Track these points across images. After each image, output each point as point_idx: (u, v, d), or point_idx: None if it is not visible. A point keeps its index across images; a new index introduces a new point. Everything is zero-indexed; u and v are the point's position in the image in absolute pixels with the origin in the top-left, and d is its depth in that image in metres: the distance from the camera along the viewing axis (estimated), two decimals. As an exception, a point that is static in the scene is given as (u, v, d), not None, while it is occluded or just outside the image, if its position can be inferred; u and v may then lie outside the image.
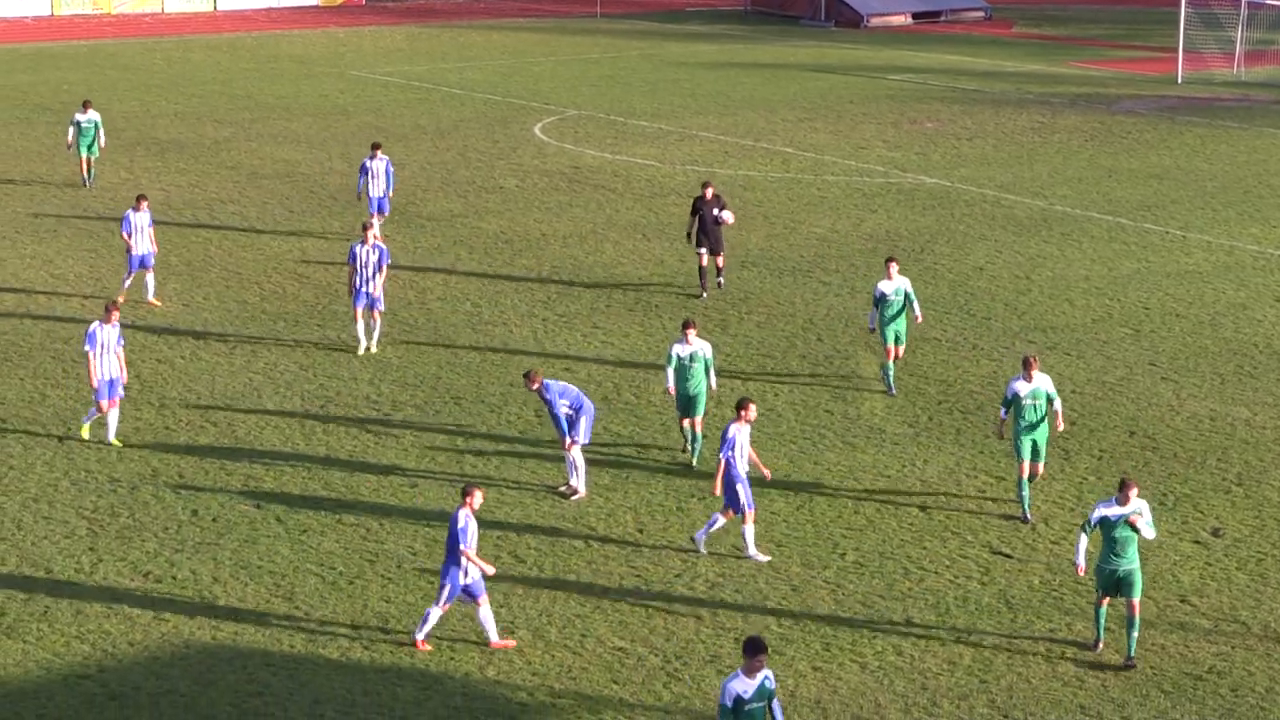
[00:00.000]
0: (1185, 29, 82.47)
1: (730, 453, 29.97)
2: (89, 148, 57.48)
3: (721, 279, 45.46)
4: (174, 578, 29.33)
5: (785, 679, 26.02)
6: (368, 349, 40.66)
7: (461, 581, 26.63)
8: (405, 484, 33.31)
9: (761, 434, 35.81)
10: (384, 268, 40.88)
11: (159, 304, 44.73)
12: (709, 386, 34.03)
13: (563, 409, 32.33)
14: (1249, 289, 46.40)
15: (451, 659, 26.66)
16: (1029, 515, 31.43)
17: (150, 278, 44.75)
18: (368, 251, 40.62)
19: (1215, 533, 31.21)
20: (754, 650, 20.88)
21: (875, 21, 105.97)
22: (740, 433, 30.22)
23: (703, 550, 30.19)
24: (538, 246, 50.64)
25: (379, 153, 50.75)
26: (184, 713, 25.16)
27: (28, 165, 61.96)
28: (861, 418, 36.90)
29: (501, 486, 33.06)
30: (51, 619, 27.99)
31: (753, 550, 29.96)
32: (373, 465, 34.19)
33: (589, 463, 33.11)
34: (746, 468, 30.19)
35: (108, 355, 35.02)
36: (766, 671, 20.78)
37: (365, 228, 41.59)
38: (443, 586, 26.72)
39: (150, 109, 73.47)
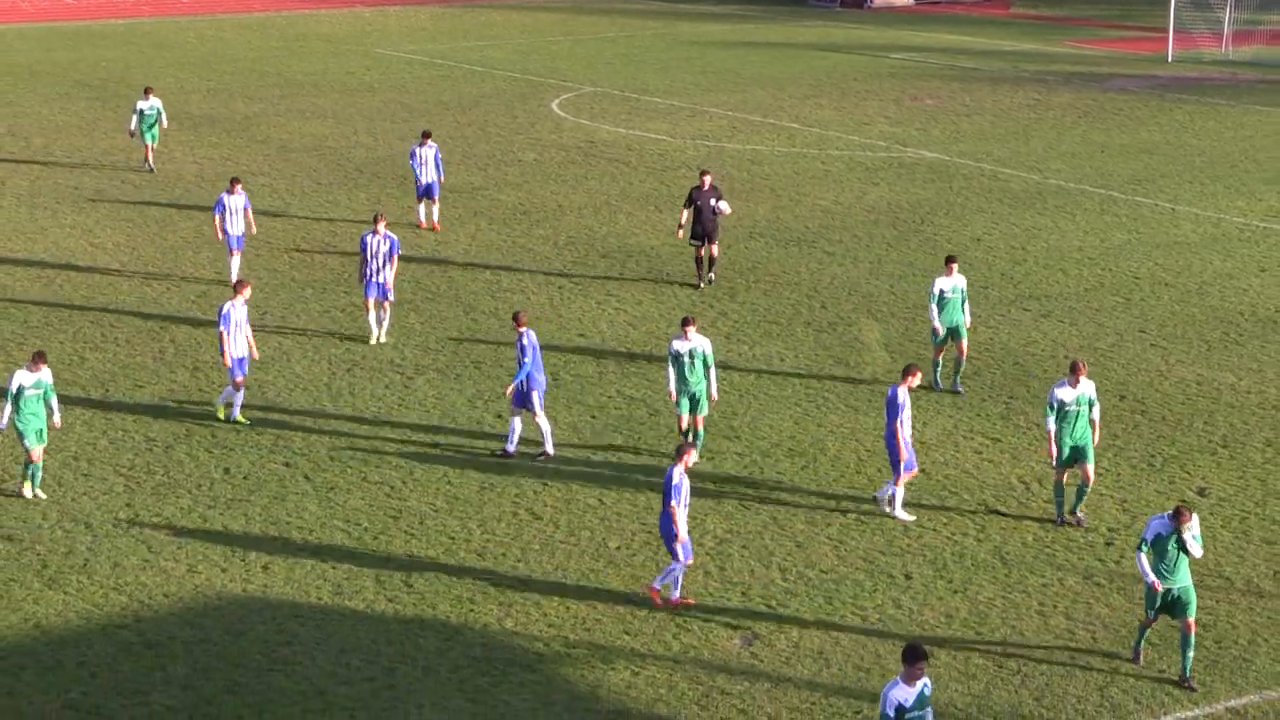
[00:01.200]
0: (1175, 10, 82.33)
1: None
2: (150, 134, 56.01)
3: (714, 274, 43.48)
4: (207, 533, 29.40)
5: (789, 631, 26.08)
6: (378, 339, 38.99)
7: (684, 534, 26.66)
8: (428, 444, 33.34)
9: (767, 397, 35.84)
10: (395, 258, 39.20)
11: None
12: (709, 389, 32.19)
13: (527, 363, 32.20)
14: (1235, 259, 46.32)
15: (471, 611, 26.71)
16: (1064, 518, 29.78)
17: (237, 260, 43.24)
18: (378, 241, 38.95)
19: (1201, 492, 31.21)
20: (914, 658, 19.62)
21: (879, 2, 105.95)
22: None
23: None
24: (554, 217, 50.60)
25: (429, 140, 49.14)
26: (216, 661, 25.24)
27: (68, 139, 61.95)
28: (863, 382, 36.88)
29: (520, 446, 33.05)
30: (91, 571, 28.06)
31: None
32: (397, 425, 34.22)
33: (598, 424, 33.08)
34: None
35: (239, 334, 34.11)
36: (925, 679, 19.65)
37: (376, 218, 39.71)
38: (669, 541, 26.77)
39: (184, 85, 73.41)
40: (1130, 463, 32.45)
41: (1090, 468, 29.51)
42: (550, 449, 32.66)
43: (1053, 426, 29.20)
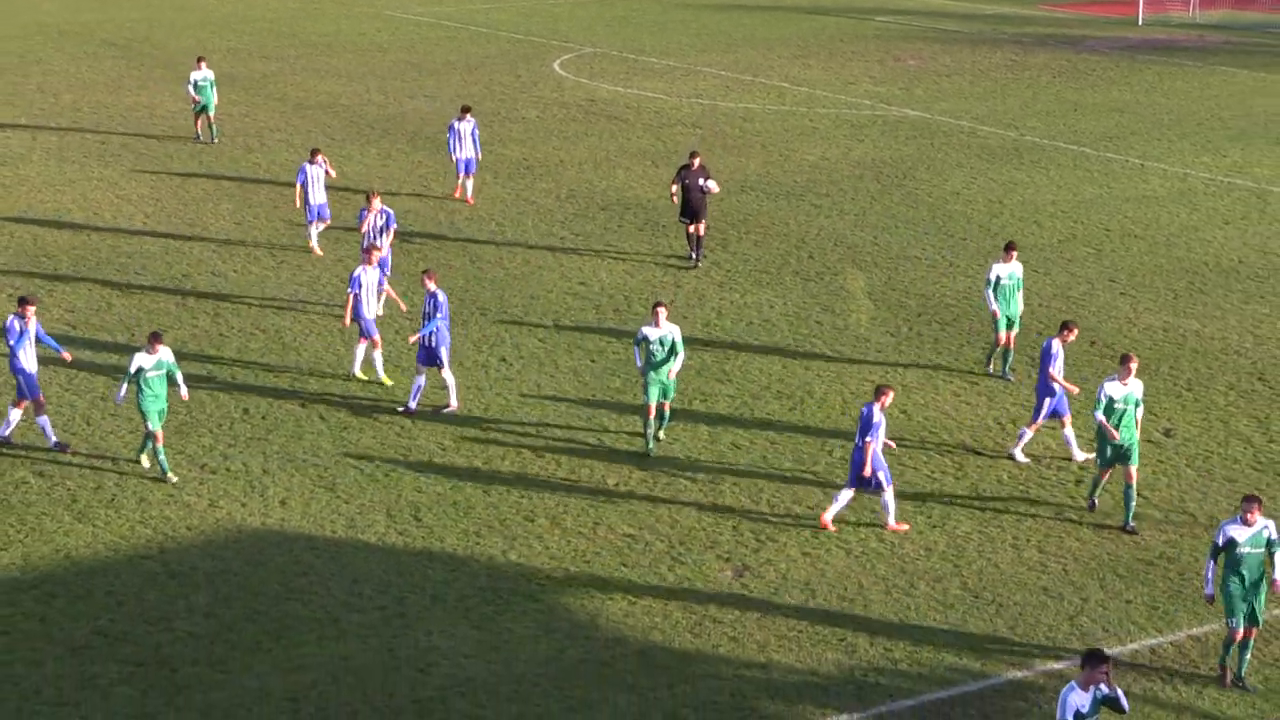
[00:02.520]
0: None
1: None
2: (205, 103, 53.63)
3: (700, 257, 41.11)
4: (227, 469, 29.44)
5: (778, 563, 26.14)
6: (377, 315, 35.51)
7: (878, 466, 26.88)
8: (436, 386, 33.35)
9: (757, 342, 35.85)
10: (391, 231, 37.66)
11: (320, 253, 41.84)
12: (671, 370, 30.02)
13: (439, 320, 31.46)
14: (1200, 213, 46.28)
15: (477, 544, 26.77)
16: (1095, 501, 27.94)
17: (316, 229, 41.99)
18: (374, 217, 37.40)
19: (1167, 433, 31.25)
20: (1095, 661, 18.30)
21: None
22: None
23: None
24: (556, 172, 50.52)
25: (468, 115, 46.59)
26: (237, 590, 25.30)
27: (94, 95, 61.77)
28: (849, 328, 36.89)
29: (522, 388, 33.09)
30: (118, 506, 28.11)
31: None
32: (406, 369, 34.21)
33: (597, 369, 33.10)
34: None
35: (371, 296, 33.14)
36: (1102, 684, 18.23)
37: (370, 195, 37.88)
38: (876, 471, 26.95)
39: (205, 45, 73.14)
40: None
41: (1134, 469, 27.18)
42: (454, 403, 31.97)
43: (1101, 417, 26.94)
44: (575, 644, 23.84)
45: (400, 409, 31.91)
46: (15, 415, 30.46)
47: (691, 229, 41.02)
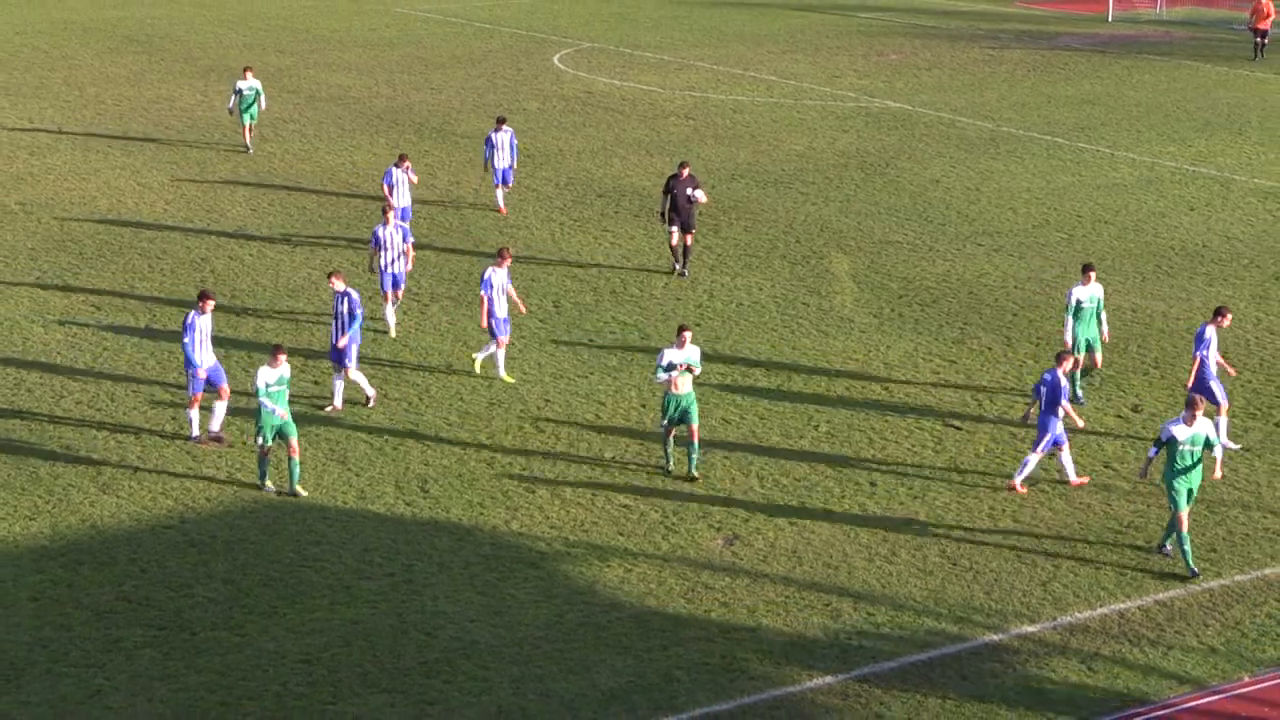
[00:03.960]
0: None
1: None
2: (249, 113, 50.41)
3: (686, 269, 38.88)
4: (245, 443, 29.41)
5: (766, 532, 26.14)
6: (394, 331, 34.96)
7: (1056, 432, 27.04)
8: (441, 365, 33.34)
9: (746, 323, 35.83)
10: (409, 247, 35.13)
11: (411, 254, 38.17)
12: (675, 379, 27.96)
13: (351, 322, 30.39)
14: (1167, 199, 46.25)
15: (481, 514, 26.77)
16: (1195, 568, 24.78)
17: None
18: (390, 233, 34.75)
19: (1135, 408, 31.25)
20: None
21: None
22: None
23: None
24: (555, 161, 50.44)
25: (504, 125, 43.98)
26: (253, 558, 25.30)
27: (117, 89, 61.64)
28: (833, 310, 36.87)
29: (524, 366, 33.07)
30: (140, 478, 28.10)
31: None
32: (414, 348, 34.20)
33: (595, 347, 33.10)
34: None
35: (500, 296, 32.08)
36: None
37: (385, 210, 35.49)
38: (1041, 435, 27.09)
39: (222, 40, 73.01)
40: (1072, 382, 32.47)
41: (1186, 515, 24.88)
42: (339, 404, 30.73)
43: (1153, 454, 24.65)
44: (574, 609, 23.85)
45: (326, 409, 30.73)
46: (194, 415, 29.46)
47: (679, 239, 38.80)
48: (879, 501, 27.31)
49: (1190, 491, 24.76)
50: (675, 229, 38.72)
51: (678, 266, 39.02)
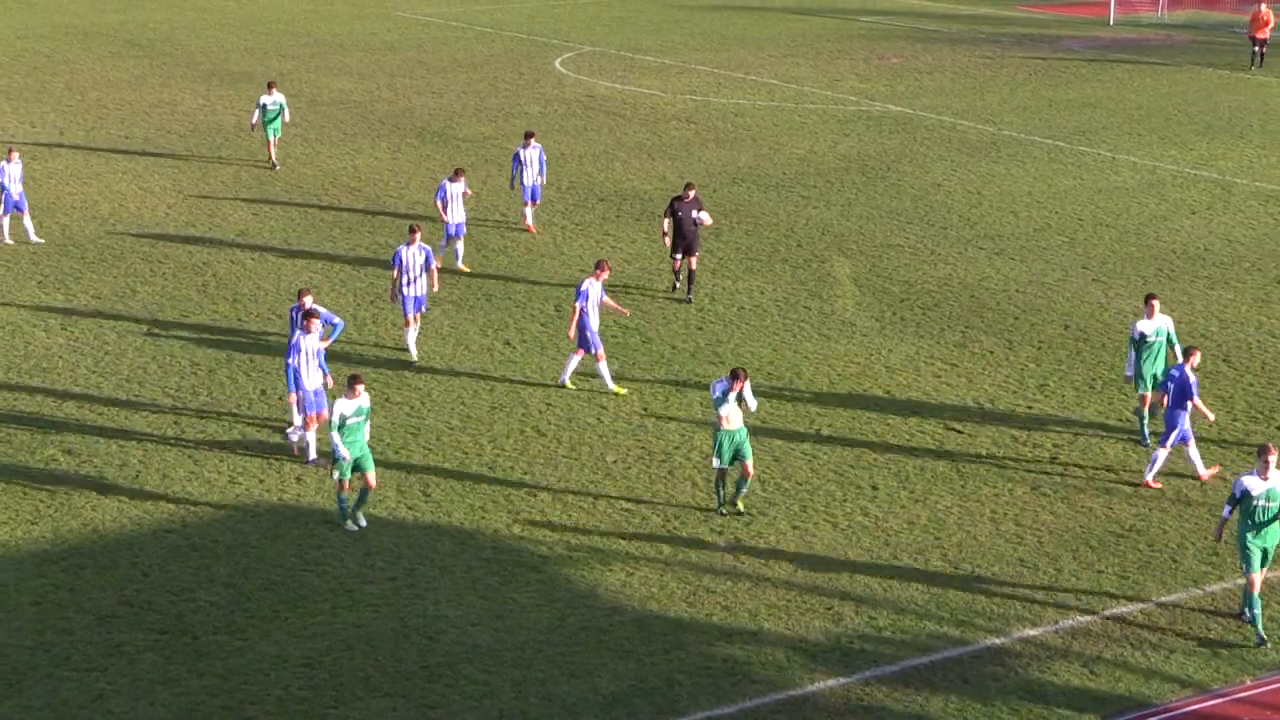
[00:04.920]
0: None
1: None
2: (272, 128, 49.08)
3: (691, 294, 37.15)
4: (246, 448, 29.41)
5: (768, 536, 26.14)
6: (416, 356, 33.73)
7: (1184, 427, 27.19)
8: (443, 369, 33.34)
9: (748, 327, 35.84)
10: (432, 268, 33.67)
11: (466, 269, 39.28)
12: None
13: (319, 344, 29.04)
14: (1168, 203, 46.26)
15: (483, 518, 26.76)
16: (1264, 635, 22.95)
17: (461, 245, 39.45)
18: (413, 254, 33.31)
19: (1137, 412, 31.21)
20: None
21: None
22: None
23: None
24: (557, 164, 50.44)
25: (532, 141, 42.35)
26: (255, 562, 25.30)
27: (118, 93, 61.66)
28: (835, 313, 36.87)
29: (525, 370, 33.07)
30: (142, 482, 28.10)
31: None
32: (416, 352, 34.18)
33: (606, 339, 33.05)
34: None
35: (595, 309, 31.52)
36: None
37: (413, 230, 33.78)
38: (1169, 430, 27.25)
39: (223, 44, 73.05)
40: (1074, 386, 32.50)
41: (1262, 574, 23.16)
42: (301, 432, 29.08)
43: (1228, 514, 23.17)
44: (576, 613, 23.85)
45: (307, 461, 28.96)
46: (309, 436, 28.67)
47: (683, 262, 37.27)
48: (880, 505, 27.30)
49: (1266, 552, 22.80)
50: (679, 256, 37.17)
51: (678, 286, 37.47)
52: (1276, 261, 40.59)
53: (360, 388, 26.26)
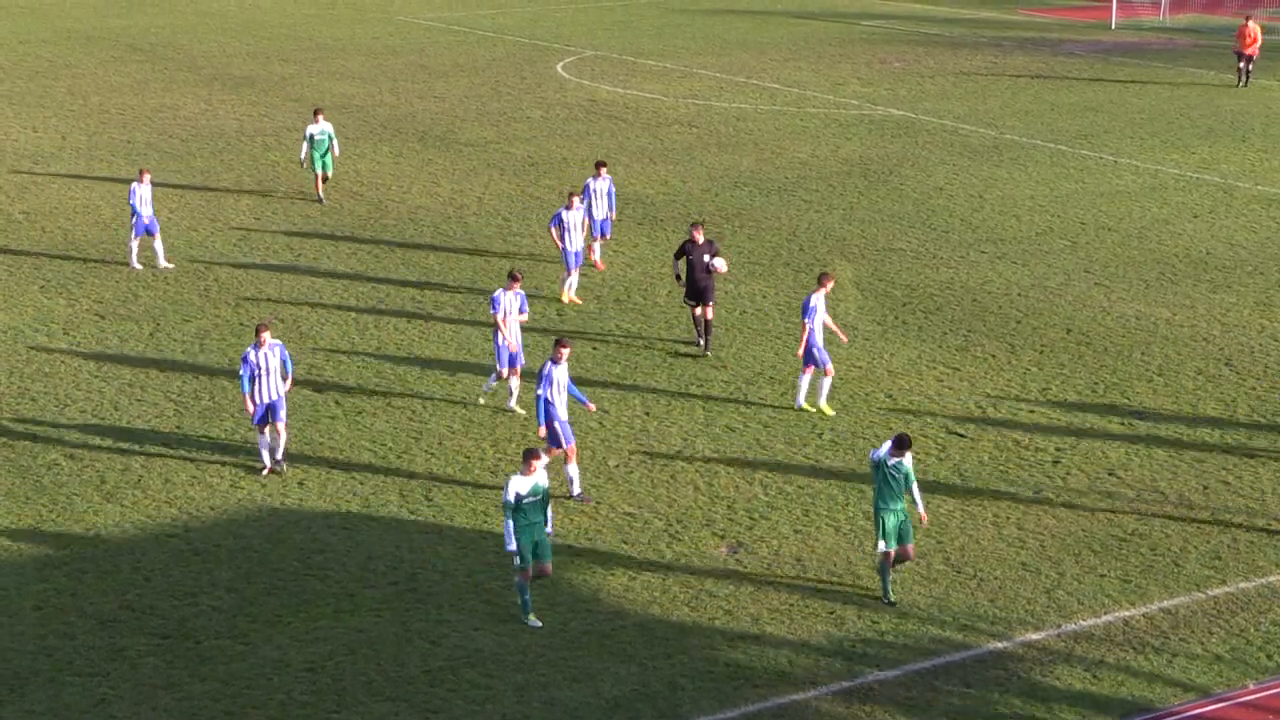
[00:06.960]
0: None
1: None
2: (323, 161, 45.17)
3: (708, 345, 34.15)
4: (248, 452, 29.42)
5: (770, 540, 26.14)
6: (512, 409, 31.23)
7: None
8: (445, 373, 33.35)
9: (752, 331, 35.84)
10: (524, 313, 31.43)
11: (579, 302, 37.36)
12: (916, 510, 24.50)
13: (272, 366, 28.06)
14: (1170, 207, 46.25)
15: (485, 522, 26.76)
16: None
17: (575, 277, 37.49)
18: (510, 299, 31.10)
19: (1139, 415, 31.24)
20: None
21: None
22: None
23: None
24: (559, 169, 50.46)
25: (603, 171, 39.35)
26: (257, 566, 25.31)
27: (120, 98, 61.71)
28: (837, 317, 36.82)
29: (525, 373, 33.06)
30: (144, 486, 28.11)
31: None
32: (418, 357, 34.22)
33: (598, 355, 33.09)
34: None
35: (819, 325, 30.60)
36: None
37: (513, 276, 31.37)
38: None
39: (225, 49, 73.10)
40: (1076, 389, 32.50)
41: None
42: (278, 459, 28.54)
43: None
44: (578, 617, 23.84)
45: (266, 471, 28.56)
46: (572, 471, 27.28)
47: (698, 312, 34.14)
48: (883, 509, 27.27)
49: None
50: (694, 304, 34.08)
51: (700, 344, 34.28)
52: (1279, 265, 40.59)
53: (536, 463, 23.01)
